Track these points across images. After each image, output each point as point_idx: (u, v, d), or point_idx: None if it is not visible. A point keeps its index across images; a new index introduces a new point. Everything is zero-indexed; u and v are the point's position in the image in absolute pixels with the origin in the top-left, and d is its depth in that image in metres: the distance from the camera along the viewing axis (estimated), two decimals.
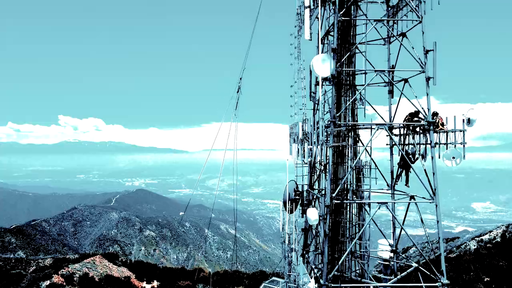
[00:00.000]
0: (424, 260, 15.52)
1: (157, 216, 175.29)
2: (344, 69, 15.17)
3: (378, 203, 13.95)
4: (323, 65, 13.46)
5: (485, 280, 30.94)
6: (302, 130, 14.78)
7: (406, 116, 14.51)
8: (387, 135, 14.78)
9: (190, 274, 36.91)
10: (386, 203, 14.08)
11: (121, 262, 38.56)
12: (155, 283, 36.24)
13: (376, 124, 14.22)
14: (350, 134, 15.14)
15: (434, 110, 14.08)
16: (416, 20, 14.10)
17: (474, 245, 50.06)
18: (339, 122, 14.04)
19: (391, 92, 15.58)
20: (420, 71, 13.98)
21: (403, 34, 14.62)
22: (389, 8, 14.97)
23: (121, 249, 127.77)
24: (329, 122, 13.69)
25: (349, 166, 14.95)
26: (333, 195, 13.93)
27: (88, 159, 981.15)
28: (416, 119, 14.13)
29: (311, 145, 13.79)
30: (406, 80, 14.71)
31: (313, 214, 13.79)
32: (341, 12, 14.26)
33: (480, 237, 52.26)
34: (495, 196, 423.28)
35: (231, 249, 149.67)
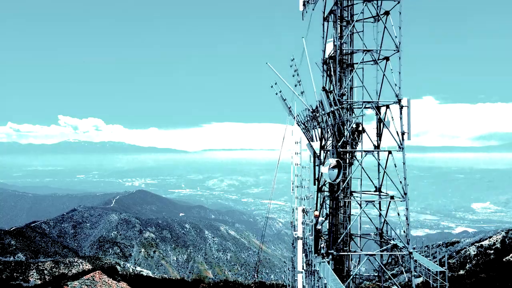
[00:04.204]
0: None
1: (157, 217, 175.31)
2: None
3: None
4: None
5: None
6: None
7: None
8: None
9: (190, 285, 36.67)
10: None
11: (121, 276, 38.30)
12: None
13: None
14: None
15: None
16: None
17: (474, 251, 50.08)
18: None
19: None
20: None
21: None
22: None
23: (121, 251, 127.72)
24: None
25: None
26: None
27: (88, 159, 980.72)
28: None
29: None
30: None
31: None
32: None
33: (480, 243, 52.24)
34: (495, 197, 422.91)
35: (231, 251, 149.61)
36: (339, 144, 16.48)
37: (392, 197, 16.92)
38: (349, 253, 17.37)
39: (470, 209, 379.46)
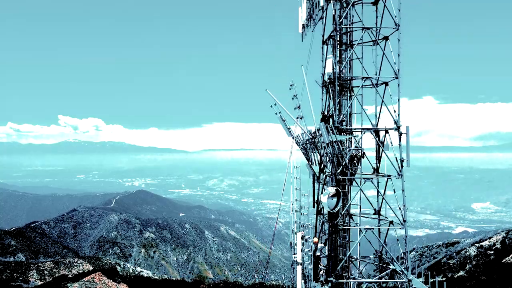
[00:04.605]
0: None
1: (157, 217, 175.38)
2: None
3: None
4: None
5: None
6: None
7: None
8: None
9: (190, 286, 36.61)
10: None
11: (121, 277, 38.27)
12: None
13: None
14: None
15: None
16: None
17: (474, 251, 50.10)
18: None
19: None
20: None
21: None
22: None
23: (121, 251, 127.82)
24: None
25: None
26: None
27: (88, 159, 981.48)
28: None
29: None
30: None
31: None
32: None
33: (480, 243, 52.28)
34: (495, 197, 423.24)
35: (231, 251, 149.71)
36: (338, 171, 16.38)
37: (391, 222, 17.22)
38: (348, 280, 17.40)
39: (470, 209, 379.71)
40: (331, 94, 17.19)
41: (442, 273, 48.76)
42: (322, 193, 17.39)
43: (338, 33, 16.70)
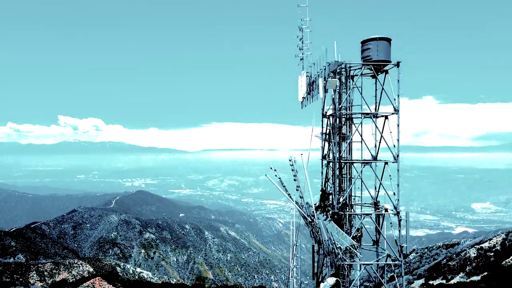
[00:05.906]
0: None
1: (157, 218, 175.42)
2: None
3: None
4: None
5: None
6: None
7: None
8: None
9: None
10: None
11: (121, 279, 38.22)
12: None
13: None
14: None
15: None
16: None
17: (474, 253, 50.07)
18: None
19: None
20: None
21: (386, 117, 17.17)
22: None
23: (121, 251, 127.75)
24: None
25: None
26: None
27: (88, 159, 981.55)
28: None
29: None
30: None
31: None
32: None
33: (480, 245, 52.25)
34: (495, 197, 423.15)
35: (231, 251, 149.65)
36: (337, 259, 16.13)
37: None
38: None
39: (470, 209, 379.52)
40: (330, 173, 17.28)
41: (442, 274, 48.75)
42: (321, 270, 17.44)
43: (337, 115, 16.81)
